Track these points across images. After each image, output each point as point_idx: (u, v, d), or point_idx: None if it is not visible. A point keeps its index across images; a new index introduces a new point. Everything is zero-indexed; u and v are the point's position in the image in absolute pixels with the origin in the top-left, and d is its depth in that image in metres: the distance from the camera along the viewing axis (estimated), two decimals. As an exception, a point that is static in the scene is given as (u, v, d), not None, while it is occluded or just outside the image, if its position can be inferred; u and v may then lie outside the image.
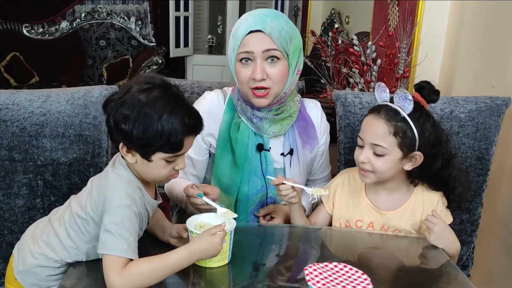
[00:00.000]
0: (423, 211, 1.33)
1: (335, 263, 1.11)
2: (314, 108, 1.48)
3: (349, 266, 1.10)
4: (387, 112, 1.23)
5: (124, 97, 1.01)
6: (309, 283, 1.03)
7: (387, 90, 1.29)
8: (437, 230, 1.24)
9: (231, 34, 1.32)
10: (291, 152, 1.41)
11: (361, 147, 1.28)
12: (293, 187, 1.26)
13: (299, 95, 1.47)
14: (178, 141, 1.02)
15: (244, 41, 1.27)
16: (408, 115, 1.21)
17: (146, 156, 1.03)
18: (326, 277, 1.05)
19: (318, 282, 1.03)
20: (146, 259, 1.01)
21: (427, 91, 1.27)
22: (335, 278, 1.06)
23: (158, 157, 1.04)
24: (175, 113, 1.01)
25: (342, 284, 1.04)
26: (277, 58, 1.28)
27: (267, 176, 1.37)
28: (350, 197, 1.38)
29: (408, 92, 1.21)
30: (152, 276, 1.00)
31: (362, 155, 1.26)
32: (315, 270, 1.07)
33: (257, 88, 1.29)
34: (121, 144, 1.04)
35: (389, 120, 1.22)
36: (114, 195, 1.04)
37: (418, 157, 1.25)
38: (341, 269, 1.09)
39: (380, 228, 1.35)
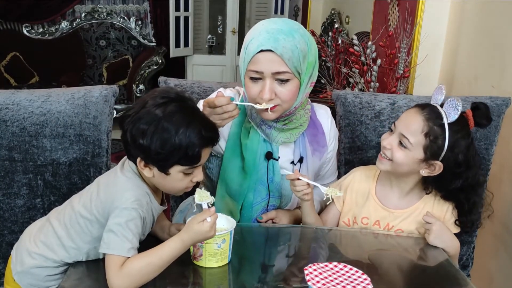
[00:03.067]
0: None
1: (335, 263, 1.11)
2: (324, 115, 1.46)
3: (349, 266, 1.10)
4: (431, 112, 1.23)
5: (140, 112, 1.02)
6: (309, 283, 1.03)
7: (444, 93, 1.27)
8: (436, 229, 1.24)
9: (244, 43, 1.28)
10: (300, 160, 1.40)
11: (390, 133, 1.29)
12: (308, 184, 1.27)
13: (310, 101, 1.44)
14: (196, 154, 1.03)
15: (254, 59, 1.23)
16: (449, 124, 1.21)
17: (164, 169, 1.04)
18: (326, 277, 1.05)
19: (318, 282, 1.03)
20: (141, 255, 1.01)
21: (481, 113, 1.26)
22: (335, 278, 1.06)
23: (176, 170, 1.05)
24: (192, 126, 1.02)
25: (342, 284, 1.04)
26: (288, 79, 1.24)
27: (283, 172, 1.36)
28: (360, 194, 1.39)
29: (460, 102, 1.19)
30: (150, 270, 1.00)
31: (387, 140, 1.27)
32: (315, 270, 1.07)
33: None
34: (138, 159, 1.04)
35: (428, 120, 1.22)
36: (123, 197, 1.04)
37: (438, 167, 1.24)
38: (341, 269, 1.10)
39: (384, 226, 1.35)
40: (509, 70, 1.71)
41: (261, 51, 1.21)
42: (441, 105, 1.25)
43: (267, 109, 1.25)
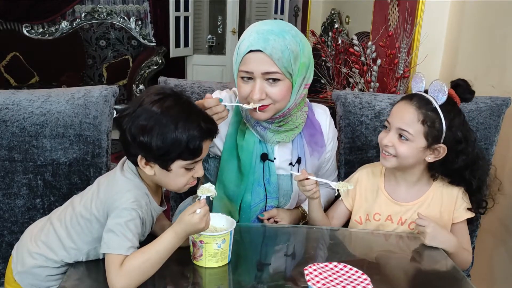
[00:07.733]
0: (442, 204, 1.34)
1: (335, 263, 1.11)
2: (322, 114, 1.45)
3: (349, 266, 1.10)
4: (420, 100, 1.26)
5: (138, 110, 1.02)
6: (309, 283, 1.03)
7: (424, 80, 1.30)
8: (430, 231, 1.24)
9: (237, 45, 1.29)
10: (298, 160, 1.39)
11: (387, 130, 1.30)
12: (316, 182, 1.27)
13: (308, 100, 1.43)
14: (197, 146, 1.03)
15: (244, 59, 1.24)
16: (440, 106, 1.24)
17: (166, 165, 1.04)
18: (326, 277, 1.05)
19: (318, 282, 1.03)
20: (138, 252, 1.01)
21: (462, 89, 1.29)
22: (335, 278, 1.06)
23: (178, 166, 1.05)
24: (191, 119, 1.02)
25: (342, 284, 1.04)
26: (278, 79, 1.24)
27: (291, 171, 1.36)
28: (369, 191, 1.40)
29: (444, 83, 1.23)
30: (149, 266, 1.00)
31: (387, 139, 1.28)
32: (315, 270, 1.07)
33: None
34: (139, 157, 1.04)
35: (420, 108, 1.24)
36: (123, 197, 1.05)
37: (442, 149, 1.26)
38: (341, 269, 1.10)
39: (398, 220, 1.35)
40: (509, 70, 1.71)
41: (251, 51, 1.22)
42: (425, 92, 1.28)
43: (255, 108, 1.26)
